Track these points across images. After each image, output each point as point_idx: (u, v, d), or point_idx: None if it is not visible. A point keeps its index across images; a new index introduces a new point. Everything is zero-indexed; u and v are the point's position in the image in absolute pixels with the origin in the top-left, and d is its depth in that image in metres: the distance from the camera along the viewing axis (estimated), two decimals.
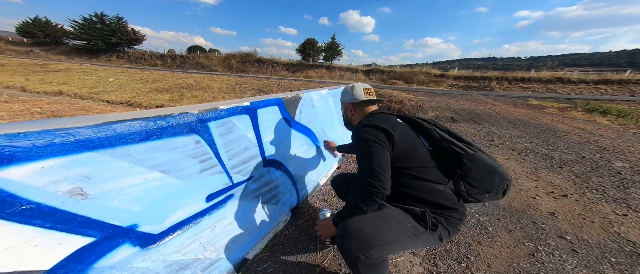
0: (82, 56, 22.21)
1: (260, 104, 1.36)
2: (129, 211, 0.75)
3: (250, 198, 1.29)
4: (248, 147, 1.29)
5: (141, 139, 0.75)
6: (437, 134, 0.95)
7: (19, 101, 5.04)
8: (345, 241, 0.80)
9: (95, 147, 0.63)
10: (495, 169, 0.88)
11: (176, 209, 0.92)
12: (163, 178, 0.84)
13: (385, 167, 0.82)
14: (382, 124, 0.89)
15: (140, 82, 7.95)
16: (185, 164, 0.93)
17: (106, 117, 0.68)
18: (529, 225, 1.60)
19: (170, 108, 0.96)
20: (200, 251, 0.99)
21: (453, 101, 7.12)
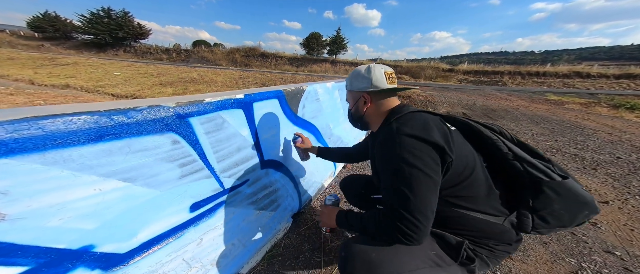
0: (91, 50, 22.50)
1: (256, 97, 1.16)
2: (79, 231, 0.57)
3: (245, 205, 1.11)
4: (242, 147, 1.10)
5: (89, 139, 0.56)
6: (506, 148, 0.65)
7: (24, 93, 5.04)
8: (348, 265, 0.61)
9: (11, 152, 0.45)
10: (588, 203, 0.62)
11: (149, 223, 0.74)
12: (127, 187, 0.66)
13: (430, 213, 0.57)
14: (430, 133, 0.59)
15: (145, 76, 7.88)
16: (158, 169, 0.75)
17: (33, 110, 0.49)
18: (567, 237, 1.37)
19: (137, 100, 0.78)
20: (183, 269, 0.82)
21: (464, 96, 6.76)
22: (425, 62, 18.95)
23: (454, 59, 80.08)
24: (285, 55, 21.42)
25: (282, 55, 21.44)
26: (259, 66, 19.01)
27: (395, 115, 0.71)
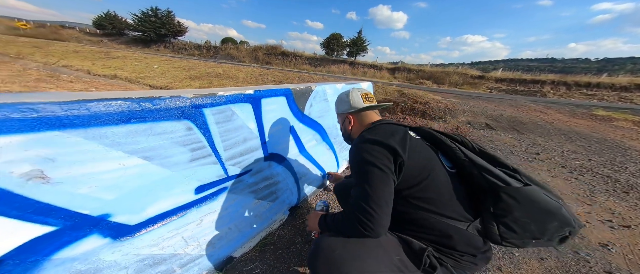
0: (138, 45, 24.99)
1: (265, 93, 1.26)
2: (101, 200, 0.70)
3: (245, 193, 1.22)
4: (248, 139, 1.21)
5: (121, 120, 0.70)
6: (463, 156, 0.71)
7: (81, 81, 5.81)
8: (313, 258, 0.67)
9: (64, 126, 0.58)
10: (554, 212, 0.62)
11: (157, 200, 0.86)
12: (144, 165, 0.79)
13: (384, 204, 0.64)
14: (388, 138, 0.69)
15: (178, 69, 8.61)
16: (172, 151, 0.87)
17: (82, 94, 0.63)
18: (568, 254, 1.31)
19: (161, 91, 0.92)
20: (180, 246, 0.93)
21: (491, 106, 6.32)
22: (452, 68, 17.96)
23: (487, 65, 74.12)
24: (304, 55, 21.87)
25: (302, 54, 21.91)
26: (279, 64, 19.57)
27: (370, 128, 0.81)
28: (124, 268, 0.79)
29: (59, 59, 9.20)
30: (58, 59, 9.08)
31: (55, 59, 9.14)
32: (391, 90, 6.69)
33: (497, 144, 3.25)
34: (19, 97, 0.54)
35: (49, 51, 10.74)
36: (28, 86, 4.47)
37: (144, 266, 0.82)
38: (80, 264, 0.71)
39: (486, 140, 3.38)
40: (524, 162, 2.67)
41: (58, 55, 9.82)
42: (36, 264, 0.63)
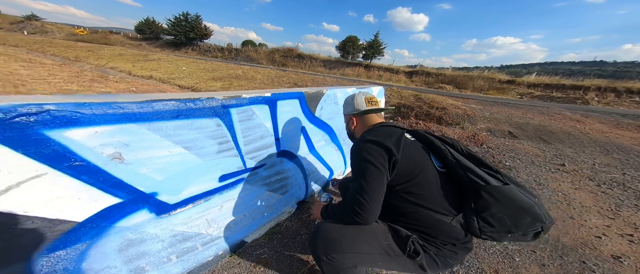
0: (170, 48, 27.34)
1: (280, 96, 1.45)
2: (153, 180, 0.93)
3: (259, 184, 1.41)
4: (264, 136, 1.40)
5: (172, 116, 0.92)
6: (451, 157, 0.81)
7: (124, 81, 6.62)
8: (313, 239, 0.81)
9: (137, 119, 0.81)
10: (527, 208, 0.71)
11: (191, 184, 1.08)
12: (185, 154, 1.01)
13: (376, 196, 0.76)
14: (385, 139, 0.80)
15: (203, 71, 9.37)
16: (205, 143, 1.09)
17: (149, 95, 0.87)
18: (574, 263, 1.31)
19: (199, 93, 1.14)
20: (204, 226, 1.13)
21: (518, 113, 5.95)
22: (476, 72, 16.86)
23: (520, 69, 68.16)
24: (319, 57, 22.10)
25: (317, 57, 22.18)
26: (295, 66, 20.02)
27: (370, 129, 0.93)
28: (161, 240, 1.00)
29: (107, 61, 10.51)
30: (106, 62, 10.39)
31: (104, 61, 10.47)
32: (407, 94, 6.61)
33: (518, 153, 3.12)
34: (111, 97, 0.77)
35: (100, 54, 12.30)
36: (84, 85, 5.24)
37: (175, 241, 1.03)
38: (131, 233, 0.94)
39: (505, 149, 3.26)
40: (546, 172, 2.55)
41: (106, 58, 11.22)
42: (104, 229, 0.86)
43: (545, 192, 2.08)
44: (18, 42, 15.01)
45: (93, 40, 25.82)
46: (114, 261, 0.89)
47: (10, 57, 7.21)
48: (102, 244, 0.86)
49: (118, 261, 0.89)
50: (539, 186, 2.22)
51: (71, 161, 0.70)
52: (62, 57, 11.34)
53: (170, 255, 1.00)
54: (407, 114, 5.22)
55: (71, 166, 0.70)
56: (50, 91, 4.00)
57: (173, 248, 1.02)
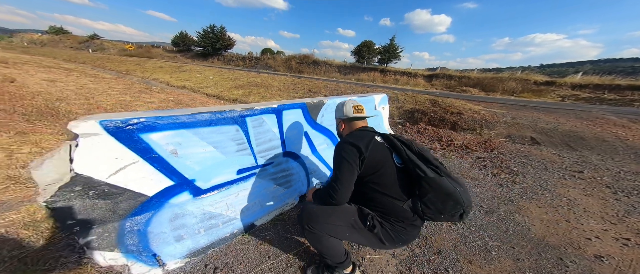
0: (199, 59, 30.19)
1: (285, 106, 1.80)
2: (193, 170, 1.33)
3: (268, 179, 1.76)
4: (272, 139, 1.76)
5: (207, 124, 1.32)
6: (406, 155, 1.03)
7: (164, 92, 7.68)
8: (300, 214, 1.12)
9: (186, 126, 1.22)
10: (451, 194, 0.93)
11: (217, 175, 1.46)
12: (214, 151, 1.40)
13: (347, 185, 1.01)
14: (358, 142, 1.04)
15: (227, 80, 10.37)
16: (227, 144, 1.47)
17: (193, 109, 1.27)
18: (550, 260, 1.42)
19: (224, 105, 1.53)
20: (224, 209, 1.50)
21: (547, 118, 5.57)
22: (507, 73, 15.55)
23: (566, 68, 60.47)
24: (334, 63, 22.35)
25: (332, 63, 22.45)
26: (310, 73, 20.52)
27: (352, 133, 1.21)
28: (195, 216, 1.38)
29: (151, 73, 12.20)
30: (150, 74, 12.06)
31: (148, 73, 12.18)
32: (422, 99, 6.59)
33: (532, 159, 3.05)
34: (172, 111, 1.19)
35: (145, 67, 14.28)
36: (134, 96, 6.28)
37: (204, 217, 1.40)
38: (178, 209, 1.34)
39: (518, 155, 3.20)
40: (557, 179, 2.51)
41: (150, 71, 13.01)
42: (162, 204, 1.27)
43: (547, 197, 2.10)
44: (85, 59, 18.07)
45: (139, 54, 29.78)
46: (165, 228, 1.29)
47: (81, 73, 8.87)
48: (160, 214, 1.27)
49: (167, 228, 1.29)
50: (544, 191, 2.22)
51: (151, 153, 1.12)
52: (116, 71, 13.45)
53: (200, 229, 1.39)
54: (420, 119, 5.23)
55: (151, 157, 1.12)
56: (111, 103, 4.96)
57: (202, 224, 1.40)
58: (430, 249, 1.49)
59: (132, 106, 4.98)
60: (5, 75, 5.68)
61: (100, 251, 1.08)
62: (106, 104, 4.72)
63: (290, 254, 1.39)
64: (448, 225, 1.72)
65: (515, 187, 2.30)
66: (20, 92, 4.24)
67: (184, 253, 1.27)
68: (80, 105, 4.25)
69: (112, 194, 1.06)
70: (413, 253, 1.46)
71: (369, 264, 1.37)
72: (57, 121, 2.91)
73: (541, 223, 1.74)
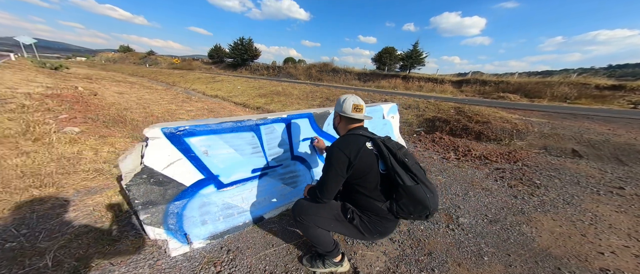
0: (230, 69, 33.17)
1: (294, 116, 2.10)
2: (218, 167, 1.69)
3: (277, 179, 2.06)
4: (282, 145, 2.06)
5: (230, 131, 1.68)
6: (390, 163, 1.11)
7: (201, 101, 8.78)
8: (293, 207, 1.33)
9: (215, 132, 1.59)
10: (421, 201, 1.07)
11: (236, 172, 1.81)
12: (234, 153, 1.75)
13: (333, 187, 1.16)
14: (349, 149, 1.13)
15: (252, 89, 11.34)
16: (245, 147, 1.82)
17: (220, 119, 1.65)
18: (547, 269, 1.43)
19: (244, 115, 1.90)
20: (239, 201, 1.83)
21: (601, 128, 4.90)
22: (559, 76, 13.36)
23: None
24: (354, 71, 22.22)
25: (351, 70, 22.36)
26: (330, 81, 20.74)
27: (346, 134, 1.29)
28: (217, 205, 1.73)
29: (191, 84, 14.01)
30: (190, 85, 13.86)
31: (189, 84, 14.00)
32: (446, 107, 6.35)
33: (563, 173, 2.81)
34: (205, 121, 1.58)
35: (187, 79, 16.40)
36: (178, 105, 7.38)
37: (224, 207, 1.75)
38: (205, 198, 1.71)
39: (547, 168, 2.96)
40: (588, 194, 2.31)
41: (190, 82, 14.93)
42: (194, 193, 1.64)
43: (568, 211, 1.97)
44: (143, 73, 21.46)
45: (183, 67, 34.07)
46: (195, 213, 1.66)
47: (140, 86, 10.72)
48: (193, 201, 1.65)
49: (197, 214, 1.67)
50: (566, 205, 2.09)
51: (190, 153, 1.51)
52: (165, 82, 15.74)
53: (220, 216, 1.73)
54: (441, 128, 5.07)
55: (190, 155, 1.51)
56: (160, 111, 5.98)
57: (222, 212, 1.75)
58: (421, 250, 1.60)
59: (177, 114, 5.89)
60: (91, 89, 7.23)
61: (151, 227, 1.48)
62: (157, 112, 5.69)
63: (291, 244, 1.64)
64: (445, 230, 1.79)
65: (532, 199, 2.20)
66: (101, 104, 5.41)
67: (206, 235, 1.62)
68: (139, 113, 5.23)
69: (164, 183, 1.46)
70: (404, 252, 1.58)
71: (360, 259, 1.54)
72: (124, 127, 3.71)
73: (550, 235, 1.68)
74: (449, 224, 1.87)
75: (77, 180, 2.02)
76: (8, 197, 1.69)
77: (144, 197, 1.39)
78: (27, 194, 1.75)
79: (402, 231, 1.80)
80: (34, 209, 1.64)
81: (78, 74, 12.21)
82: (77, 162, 2.30)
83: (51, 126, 3.08)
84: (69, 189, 1.89)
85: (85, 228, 1.54)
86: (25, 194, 1.75)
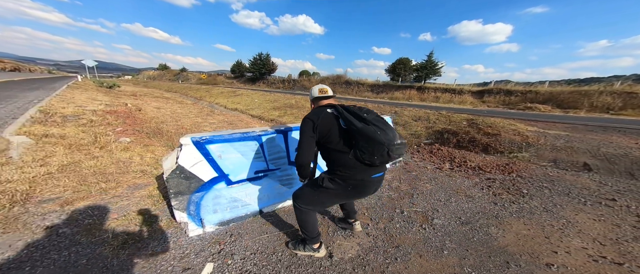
0: (249, 83, 35.46)
1: (291, 128, 2.55)
2: (228, 168, 2.17)
3: (275, 180, 2.49)
4: (280, 152, 2.51)
5: (238, 140, 2.17)
6: (346, 118, 1.32)
7: (222, 114, 9.79)
8: (292, 195, 1.69)
9: (227, 141, 2.08)
10: (371, 137, 1.21)
11: (242, 173, 2.27)
12: (241, 157, 2.23)
13: (307, 147, 1.40)
14: (313, 115, 1.39)
15: (267, 102, 12.24)
16: (249, 153, 2.30)
17: (231, 130, 2.17)
18: (496, 262, 1.61)
19: (250, 128, 2.40)
20: (243, 196, 2.27)
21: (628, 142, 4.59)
22: (599, 85, 12.09)
23: None
24: (366, 82, 22.24)
25: (364, 82, 22.40)
26: (342, 93, 21.00)
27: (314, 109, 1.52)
28: (226, 198, 2.20)
29: (214, 98, 15.50)
30: (214, 99, 15.34)
31: (213, 99, 15.51)
32: (458, 119, 6.37)
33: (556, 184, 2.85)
34: (220, 132, 2.09)
35: (211, 94, 18.14)
36: (203, 117, 8.38)
37: (231, 200, 2.20)
38: (217, 192, 2.20)
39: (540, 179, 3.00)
40: (574, 204, 2.38)
41: (214, 97, 16.51)
42: (210, 187, 2.13)
43: (542, 217, 2.08)
44: (177, 89, 24.07)
45: (208, 82, 37.34)
46: (209, 203, 2.14)
47: (173, 101, 12.28)
48: (208, 194, 2.14)
49: (210, 204, 2.15)
50: (544, 212, 2.19)
51: (209, 156, 2.02)
52: (193, 97, 17.60)
53: (227, 207, 2.20)
54: (449, 140, 5.13)
55: (208, 158, 2.02)
56: (189, 123, 6.93)
57: (229, 204, 2.21)
58: (391, 243, 1.87)
59: (201, 126, 6.77)
60: (136, 105, 8.59)
61: (178, 211, 1.99)
62: (186, 125, 6.61)
63: (281, 232, 2.02)
64: (418, 229, 2.03)
65: (512, 206, 2.32)
66: (144, 118, 6.47)
67: (216, 221, 2.08)
68: (172, 125, 6.17)
69: (190, 178, 1.98)
70: (376, 244, 1.87)
71: (336, 247, 1.85)
72: (161, 138, 4.49)
73: (514, 236, 1.84)
74: (423, 224, 2.12)
75: (128, 178, 2.67)
76: (86, 189, 2.34)
77: (176, 187, 1.91)
78: (98, 187, 2.40)
79: (379, 228, 2.09)
80: (103, 198, 2.26)
81: (126, 92, 14.32)
82: (129, 165, 2.98)
83: (111, 136, 3.93)
84: (124, 185, 2.52)
85: (134, 213, 2.11)
86: (97, 187, 2.40)
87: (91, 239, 1.68)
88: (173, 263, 1.52)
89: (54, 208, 1.95)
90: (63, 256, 1.48)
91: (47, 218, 1.83)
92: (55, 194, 2.15)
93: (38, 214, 1.86)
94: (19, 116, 4.51)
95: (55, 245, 1.56)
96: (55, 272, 1.36)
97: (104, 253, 1.54)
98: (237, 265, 1.59)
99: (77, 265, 1.42)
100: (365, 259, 1.71)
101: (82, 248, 1.57)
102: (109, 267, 1.43)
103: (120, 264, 1.46)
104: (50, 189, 2.21)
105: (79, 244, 1.60)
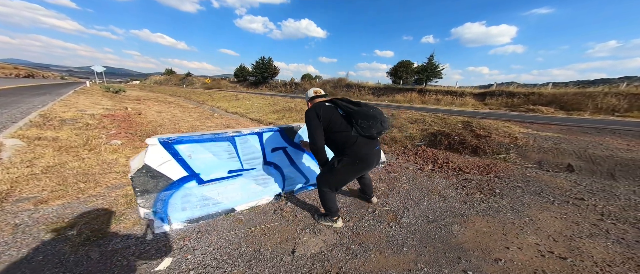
0: (252, 87, 35.80)
1: (266, 130, 2.60)
2: (199, 167, 2.21)
3: (250, 179, 2.53)
4: (255, 152, 2.56)
5: (209, 140, 2.22)
6: (343, 106, 1.77)
7: (221, 117, 9.91)
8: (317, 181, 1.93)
9: (197, 141, 2.13)
10: (368, 114, 1.68)
11: (213, 172, 2.32)
12: (213, 157, 2.28)
13: (318, 132, 1.73)
14: (315, 108, 1.77)
15: (267, 105, 12.35)
16: (222, 153, 2.34)
17: (201, 132, 2.23)
18: (449, 257, 1.63)
19: (220, 130, 2.47)
20: (216, 195, 2.29)
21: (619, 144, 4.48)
22: (604, 87, 11.87)
23: None
24: (367, 85, 22.30)
25: (365, 85, 22.45)
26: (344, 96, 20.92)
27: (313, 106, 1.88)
28: (196, 197, 2.22)
29: (216, 102, 15.72)
30: (216, 103, 15.57)
31: (214, 102, 15.73)
32: (453, 121, 6.30)
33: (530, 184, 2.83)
34: (190, 134, 2.15)
35: (214, 97, 18.39)
36: (202, 121, 8.47)
37: (201, 199, 2.22)
38: (187, 190, 2.23)
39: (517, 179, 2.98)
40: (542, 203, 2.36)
41: (216, 100, 16.74)
42: (179, 186, 2.17)
43: (507, 215, 2.07)
44: (181, 93, 24.51)
45: (212, 86, 37.89)
46: (178, 201, 2.18)
47: (175, 105, 12.51)
48: (177, 192, 2.18)
49: (179, 202, 2.18)
50: (509, 210, 2.18)
51: (177, 156, 2.06)
52: (196, 101, 17.87)
53: (197, 205, 2.22)
54: (441, 142, 5.07)
55: (177, 158, 2.07)
56: (186, 126, 7.06)
57: (199, 202, 2.24)
58: (355, 241, 1.88)
59: (198, 129, 6.87)
60: (137, 110, 8.78)
61: (144, 209, 2.02)
62: (184, 128, 6.72)
63: (250, 228, 2.05)
64: (384, 227, 2.04)
65: (480, 205, 2.31)
66: (142, 121, 6.61)
67: (184, 219, 2.11)
68: (170, 129, 6.28)
69: (158, 176, 2.03)
70: (340, 241, 1.88)
71: (301, 244, 1.84)
72: None
73: (473, 234, 1.83)
74: (391, 222, 2.12)
75: (109, 179, 2.74)
76: (64, 188, 2.42)
77: (142, 186, 1.96)
78: (76, 187, 2.47)
79: (348, 226, 2.09)
80: (78, 197, 2.33)
81: (131, 96, 14.64)
82: (113, 166, 3.06)
83: (103, 139, 4.05)
84: (103, 185, 2.59)
85: (105, 211, 2.16)
86: (75, 187, 2.47)
87: (54, 236, 1.72)
88: (131, 258, 1.56)
89: (28, 207, 2.02)
90: (21, 253, 1.52)
91: (18, 216, 1.89)
92: (33, 193, 2.23)
93: (11, 213, 1.92)
94: (19, 120, 4.68)
95: (18, 242, 1.61)
96: (8, 269, 1.39)
97: (64, 249, 1.58)
98: (197, 259, 1.62)
99: (32, 261, 1.46)
100: (326, 255, 1.72)
101: (42, 245, 1.62)
102: (65, 263, 1.46)
103: (77, 260, 1.49)
104: (30, 188, 2.29)
105: (41, 242, 1.65)
